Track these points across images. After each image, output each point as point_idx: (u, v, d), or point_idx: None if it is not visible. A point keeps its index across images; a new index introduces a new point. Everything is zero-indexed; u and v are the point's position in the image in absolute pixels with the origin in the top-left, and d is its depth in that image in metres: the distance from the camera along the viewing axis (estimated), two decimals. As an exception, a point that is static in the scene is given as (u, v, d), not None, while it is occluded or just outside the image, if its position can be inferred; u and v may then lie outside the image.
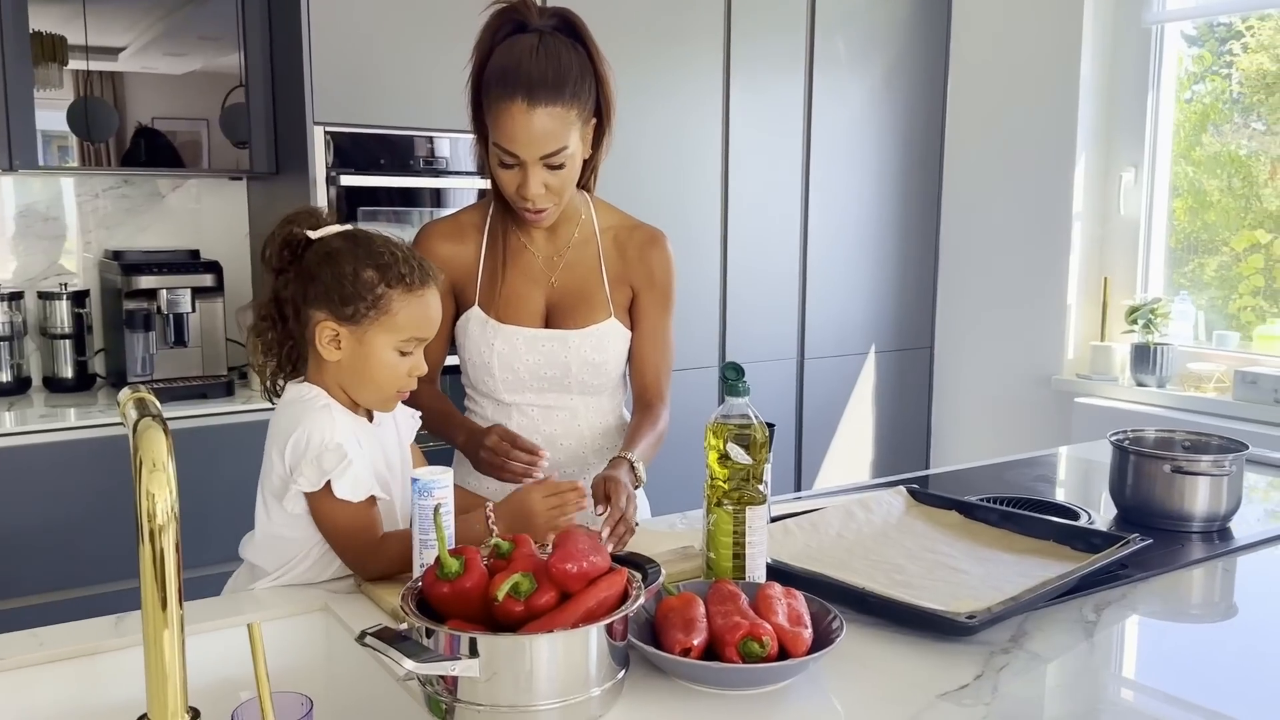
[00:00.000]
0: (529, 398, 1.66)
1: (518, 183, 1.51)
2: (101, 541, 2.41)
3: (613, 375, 1.69)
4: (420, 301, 1.33)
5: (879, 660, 1.13)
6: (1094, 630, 1.22)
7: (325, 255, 1.32)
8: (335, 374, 1.35)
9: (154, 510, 0.74)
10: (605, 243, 1.68)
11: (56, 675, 1.13)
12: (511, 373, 1.64)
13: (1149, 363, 3.20)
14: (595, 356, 1.65)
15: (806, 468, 3.59)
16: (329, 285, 1.31)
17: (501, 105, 1.46)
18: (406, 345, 1.34)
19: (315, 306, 1.32)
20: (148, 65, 2.64)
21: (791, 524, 1.50)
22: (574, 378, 1.65)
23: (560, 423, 1.67)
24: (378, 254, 1.32)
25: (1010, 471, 2.04)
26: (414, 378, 1.36)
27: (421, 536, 1.22)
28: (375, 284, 1.30)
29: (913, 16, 3.62)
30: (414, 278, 1.33)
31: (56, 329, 2.70)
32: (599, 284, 1.66)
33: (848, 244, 3.59)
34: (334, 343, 1.32)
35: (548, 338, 1.64)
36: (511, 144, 1.48)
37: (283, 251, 1.35)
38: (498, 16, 1.52)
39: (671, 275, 1.71)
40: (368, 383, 1.34)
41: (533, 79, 1.45)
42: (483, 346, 1.64)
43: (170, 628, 0.74)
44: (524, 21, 1.51)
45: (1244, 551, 1.55)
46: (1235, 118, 3.24)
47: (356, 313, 1.30)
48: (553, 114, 1.46)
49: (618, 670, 1.01)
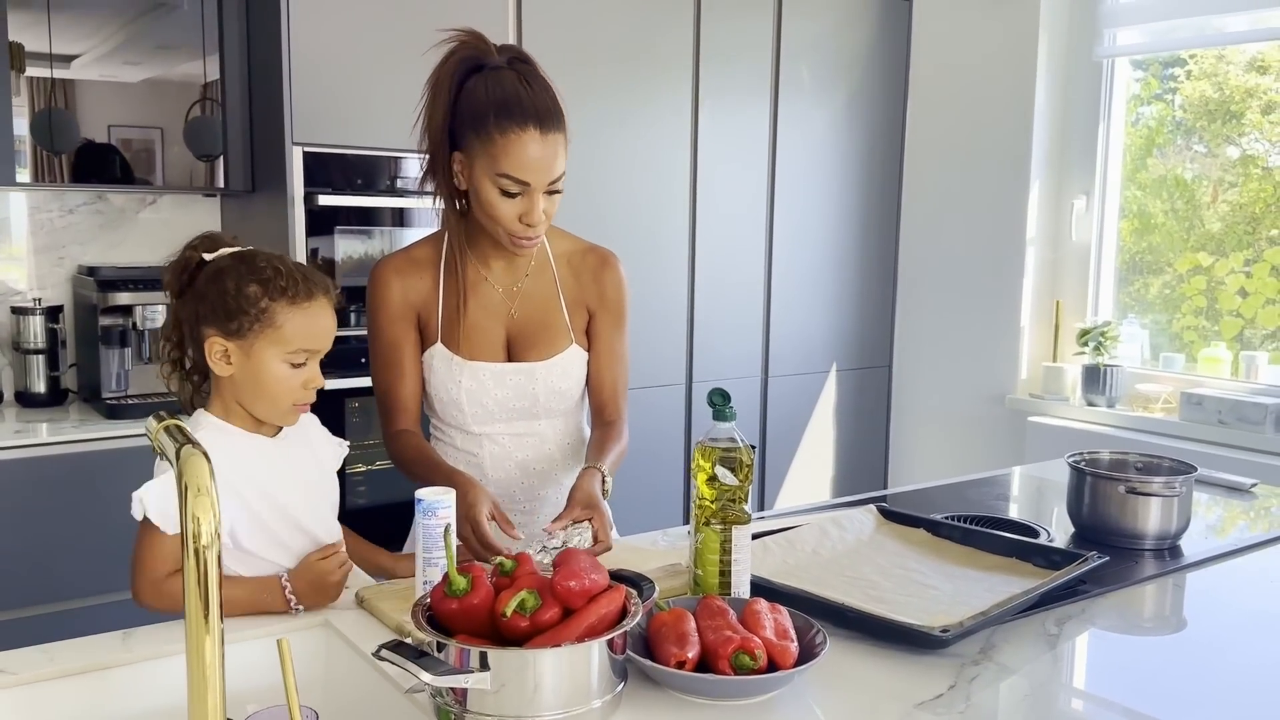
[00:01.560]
0: (498, 427, 1.69)
1: (520, 211, 1.53)
2: (74, 557, 2.42)
3: (577, 397, 1.75)
4: (305, 313, 1.35)
5: (858, 672, 1.20)
6: (1056, 642, 1.30)
7: (212, 274, 1.35)
8: (231, 390, 1.37)
9: (199, 531, 0.79)
10: (560, 269, 1.72)
11: (67, 690, 1.16)
12: (480, 407, 1.66)
13: (1099, 383, 3.33)
14: (561, 384, 1.69)
15: (770, 485, 3.67)
16: (215, 302, 1.34)
17: (512, 136, 1.49)
18: (295, 357, 1.35)
19: (205, 324, 1.35)
20: (106, 74, 2.63)
21: (770, 541, 1.57)
22: (541, 406, 1.69)
23: (531, 448, 1.71)
24: (260, 269, 1.35)
25: (970, 490, 2.12)
26: (310, 390, 1.38)
27: (426, 555, 1.27)
28: (258, 298, 1.33)
29: (874, 46, 3.73)
30: (297, 290, 1.35)
31: (30, 344, 2.70)
32: (558, 311, 1.70)
33: (810, 265, 3.68)
34: (224, 358, 1.34)
35: (514, 371, 1.66)
36: (524, 172, 1.50)
37: (180, 275, 1.38)
38: (456, 54, 1.54)
39: (624, 294, 1.75)
40: (261, 396, 1.36)
41: (539, 108, 1.50)
42: (449, 383, 1.65)
43: (212, 636, 0.79)
44: (482, 61, 1.54)
45: (1193, 568, 1.64)
46: (1178, 140, 3.39)
47: (241, 327, 1.33)
48: (558, 140, 1.52)
49: (617, 683, 1.07)
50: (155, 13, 2.68)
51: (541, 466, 1.72)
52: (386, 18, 2.73)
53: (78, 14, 2.56)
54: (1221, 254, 3.25)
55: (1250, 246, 3.19)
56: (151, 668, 1.20)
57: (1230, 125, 3.25)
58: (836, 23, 3.62)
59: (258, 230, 2.85)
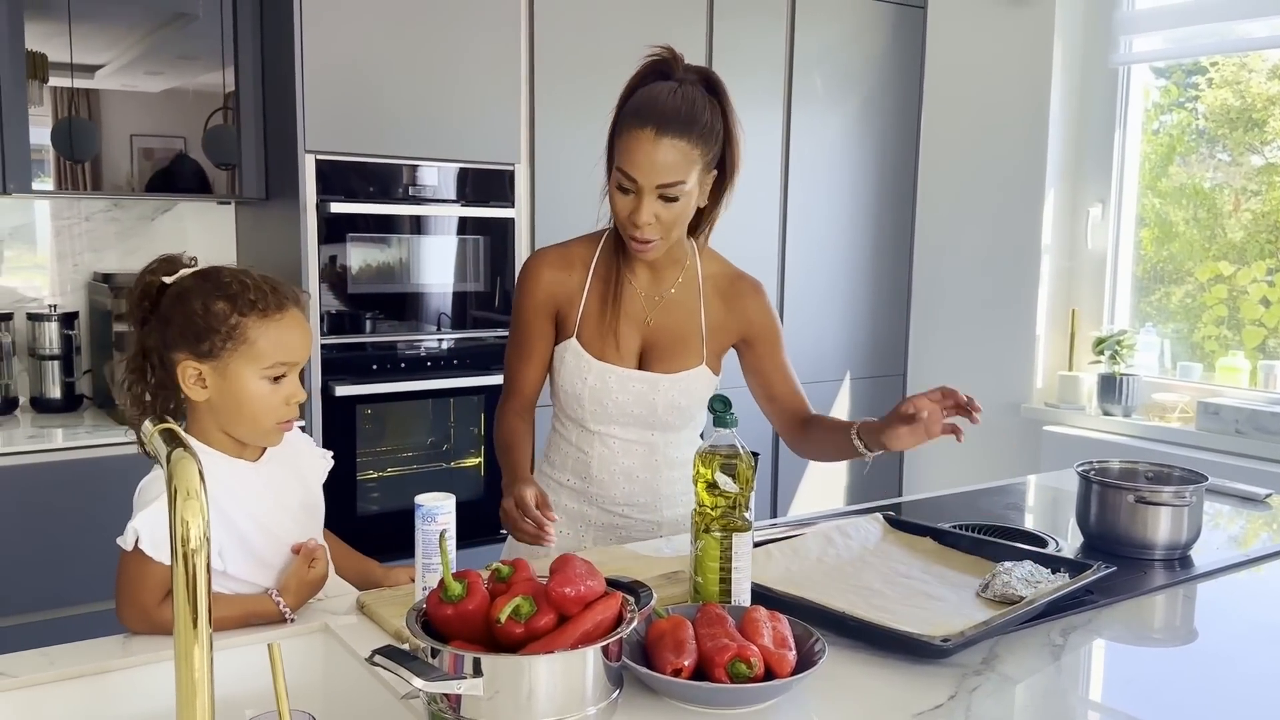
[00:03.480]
0: (613, 429, 1.74)
1: (631, 208, 1.58)
2: (87, 561, 2.43)
3: (694, 416, 1.77)
4: (278, 325, 1.31)
5: (858, 681, 1.19)
6: (1061, 653, 1.29)
7: (176, 296, 1.31)
8: (210, 415, 1.33)
9: (188, 535, 0.79)
10: (707, 290, 1.76)
11: (66, 693, 1.17)
12: (600, 406, 1.71)
13: (1115, 393, 3.30)
14: (682, 400, 1.72)
15: (783, 493, 3.65)
16: (183, 325, 1.29)
17: (631, 132, 1.56)
18: (273, 371, 1.31)
19: (175, 349, 1.30)
20: (127, 84, 2.66)
21: (773, 548, 1.56)
22: (659, 418, 1.73)
23: (638, 456, 1.75)
24: (225, 285, 1.30)
25: (981, 499, 2.11)
26: (293, 406, 1.33)
27: (425, 561, 1.27)
28: (227, 314, 1.28)
29: (888, 54, 3.72)
30: (267, 302, 1.30)
31: (45, 350, 2.73)
32: (696, 330, 1.74)
33: (824, 273, 3.67)
34: (198, 382, 1.30)
35: (639, 379, 1.71)
36: (633, 169, 1.55)
37: (142, 301, 1.33)
38: (647, 65, 1.64)
39: (776, 319, 1.80)
40: (243, 418, 1.32)
41: (665, 112, 1.55)
42: (576, 379, 1.71)
43: (200, 644, 0.79)
44: (668, 72, 1.62)
45: (1204, 579, 1.62)
46: (1201, 149, 3.36)
47: (214, 347, 1.28)
48: (677, 147, 1.55)
49: (613, 690, 1.07)
50: (175, 24, 2.70)
51: (645, 475, 1.76)
52: (398, 28, 2.75)
53: (99, 25, 2.59)
54: (1244, 263, 3.22)
55: (1273, 255, 3.16)
56: (149, 672, 1.20)
57: (1253, 133, 3.23)
58: (850, 31, 3.61)
59: (271, 237, 2.87)
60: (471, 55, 2.87)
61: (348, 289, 2.77)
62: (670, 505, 1.79)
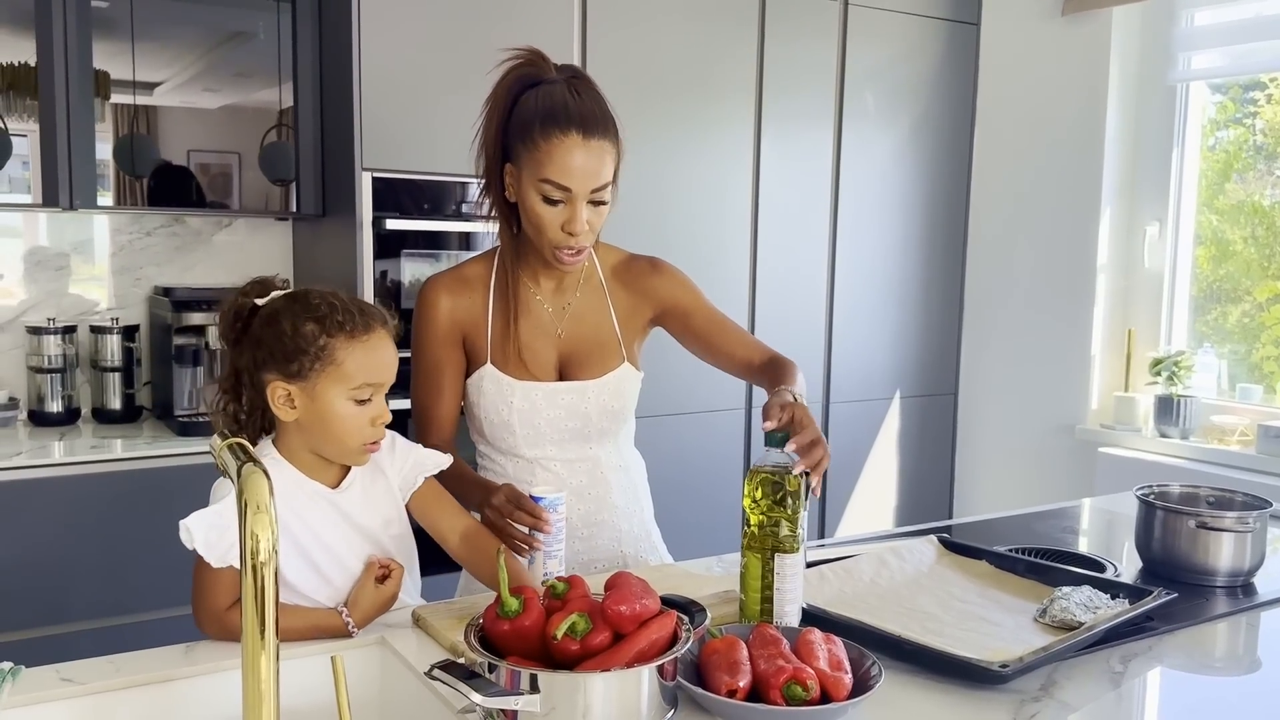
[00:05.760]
0: (550, 451, 1.67)
1: (563, 219, 1.53)
2: (147, 569, 2.48)
3: (627, 418, 1.74)
4: (366, 347, 1.33)
5: (913, 705, 1.18)
6: (1121, 681, 1.27)
7: (267, 318, 1.33)
8: (298, 435, 1.35)
9: (257, 548, 0.80)
10: (610, 284, 1.71)
11: (131, 700, 1.19)
12: (532, 428, 1.65)
13: (1172, 414, 3.24)
14: (614, 404, 1.68)
15: (831, 513, 3.63)
16: (273, 346, 1.31)
17: (554, 141, 1.49)
18: (360, 393, 1.33)
19: (265, 370, 1.32)
20: (186, 100, 2.72)
21: (826, 570, 1.55)
22: (594, 426, 1.68)
23: (584, 473, 1.70)
24: (314, 307, 1.32)
25: (1037, 522, 2.08)
26: (379, 427, 1.35)
27: (546, 549, 1.36)
28: (316, 336, 1.30)
29: (940, 72, 3.70)
30: (355, 324, 1.32)
31: (107, 362, 2.79)
32: (610, 328, 1.70)
33: (874, 291, 3.65)
34: (288, 402, 1.32)
35: (566, 390, 1.66)
36: (566, 177, 1.50)
37: (234, 323, 1.36)
38: (514, 71, 1.57)
39: (683, 282, 1.73)
40: (330, 438, 1.34)
41: (584, 115, 1.51)
42: (500, 405, 1.64)
43: (267, 653, 0.81)
44: (539, 77, 1.55)
45: (1268, 607, 1.58)
46: (1259, 165, 3.30)
47: (302, 368, 1.30)
48: (602, 148, 1.52)
49: (667, 709, 1.07)
50: (233, 41, 2.76)
51: (597, 491, 1.71)
52: (454, 47, 2.79)
53: (161, 43, 2.66)
54: (1304, 282, 3.16)
55: (1334, 274, 3.09)
56: (212, 681, 1.23)
57: (1313, 150, 3.16)
58: (902, 48, 3.60)
59: (327, 253, 2.91)
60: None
61: (402, 304, 2.81)
62: (626, 517, 1.73)
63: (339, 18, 2.72)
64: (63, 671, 1.21)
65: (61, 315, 2.85)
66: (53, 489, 2.40)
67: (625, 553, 1.74)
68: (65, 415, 2.77)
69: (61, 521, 2.40)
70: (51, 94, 2.53)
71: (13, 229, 2.86)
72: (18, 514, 2.35)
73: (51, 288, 2.89)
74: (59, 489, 2.40)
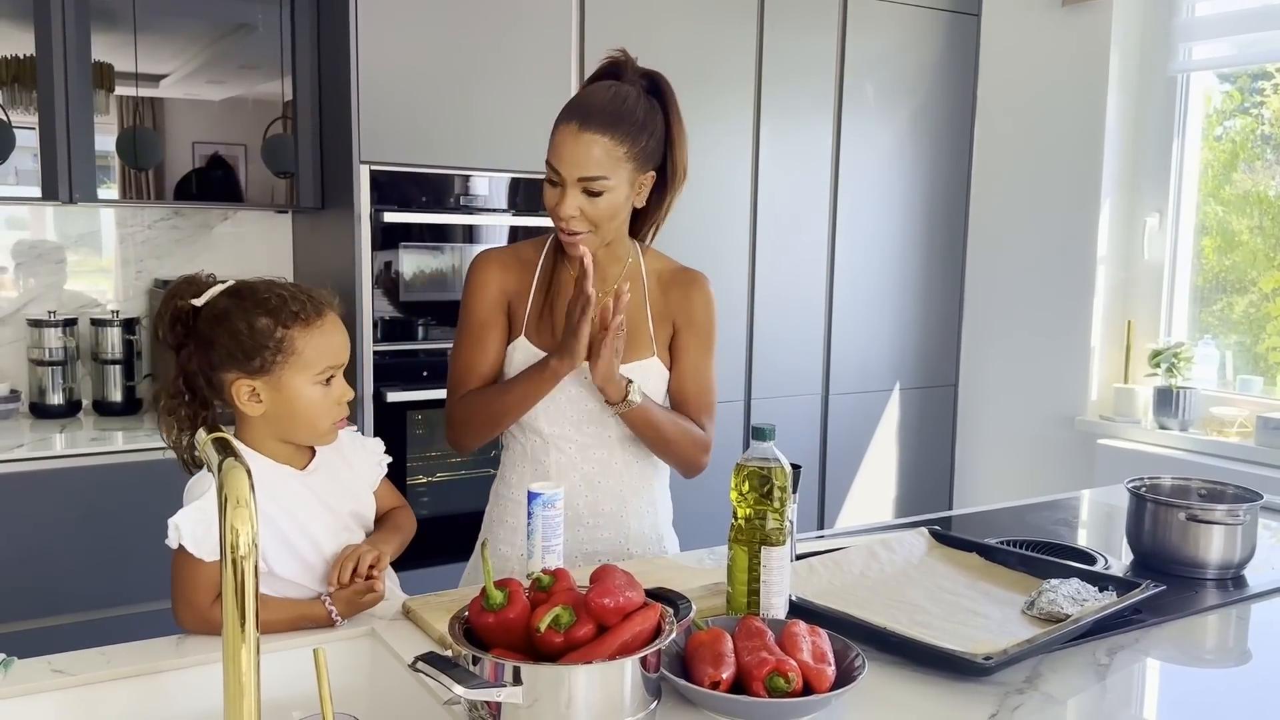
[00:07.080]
0: (568, 430, 1.70)
1: (556, 200, 1.61)
2: (145, 561, 2.49)
3: None
4: (322, 332, 1.35)
5: (898, 698, 1.19)
6: (1106, 673, 1.27)
7: (215, 318, 1.33)
8: (265, 427, 1.36)
9: (237, 542, 0.81)
10: (650, 283, 1.75)
11: (122, 692, 1.20)
12: (553, 401, 1.68)
13: (1171, 406, 3.24)
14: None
15: (830, 504, 3.63)
16: (229, 346, 1.31)
17: (559, 127, 1.60)
18: (323, 375, 1.35)
19: (223, 370, 1.33)
20: (190, 93, 2.72)
21: (815, 562, 1.56)
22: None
23: (598, 461, 1.72)
24: (264, 301, 1.33)
25: (1032, 514, 2.08)
26: (344, 405, 1.38)
27: (544, 544, 1.35)
28: (273, 329, 1.31)
29: (940, 62, 3.69)
30: (308, 312, 1.34)
31: (107, 354, 2.80)
32: (643, 321, 1.73)
33: (873, 282, 3.65)
34: (253, 397, 1.33)
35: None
36: (556, 161, 1.59)
37: (175, 327, 1.35)
38: (601, 66, 1.69)
39: (712, 316, 1.77)
40: (300, 424, 1.36)
41: (591, 108, 1.59)
42: None
43: (248, 646, 0.82)
44: (618, 73, 1.67)
45: (1258, 599, 1.58)
46: (1266, 155, 3.28)
47: (265, 363, 1.31)
48: (599, 143, 1.57)
49: (650, 701, 1.07)
50: (236, 34, 2.77)
51: (608, 482, 1.72)
52: (450, 42, 2.79)
53: (164, 35, 2.67)
54: (1311, 273, 3.15)
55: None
56: (202, 673, 1.24)
57: (1320, 140, 3.15)
58: (902, 39, 3.59)
59: (326, 246, 2.92)
60: (523, 67, 2.90)
61: (400, 296, 2.82)
62: (637, 515, 1.75)
63: (337, 11, 2.73)
64: (54, 663, 1.22)
65: (62, 308, 2.86)
66: (54, 481, 2.41)
67: (632, 551, 1.74)
68: (66, 407, 2.78)
69: (63, 513, 2.42)
70: (50, 87, 2.54)
71: (18, 221, 2.87)
72: (19, 505, 2.37)
73: (52, 280, 2.90)
74: (60, 481, 2.42)
